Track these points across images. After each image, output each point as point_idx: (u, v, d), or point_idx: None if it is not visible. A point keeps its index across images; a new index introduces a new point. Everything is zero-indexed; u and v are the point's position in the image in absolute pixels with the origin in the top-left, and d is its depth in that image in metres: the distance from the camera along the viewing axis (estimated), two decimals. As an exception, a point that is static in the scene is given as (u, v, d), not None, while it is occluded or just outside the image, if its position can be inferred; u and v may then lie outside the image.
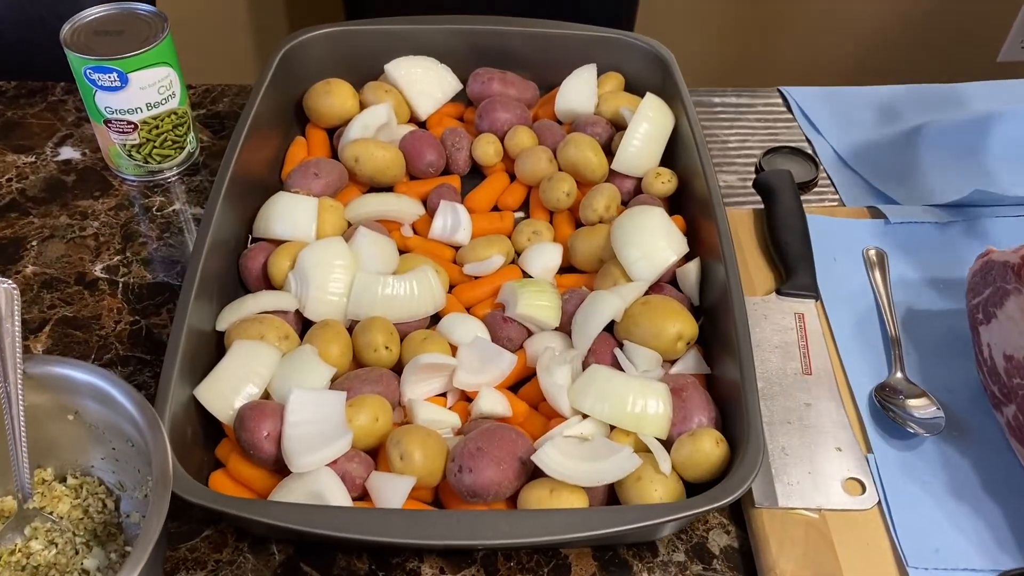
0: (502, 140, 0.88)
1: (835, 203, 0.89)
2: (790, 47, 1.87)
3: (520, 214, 0.86)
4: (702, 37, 1.83)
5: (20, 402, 0.57)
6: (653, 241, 0.73)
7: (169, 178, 0.90)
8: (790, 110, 0.99)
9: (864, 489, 0.64)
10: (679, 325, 0.68)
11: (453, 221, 0.80)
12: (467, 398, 0.69)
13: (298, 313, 0.72)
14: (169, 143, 0.88)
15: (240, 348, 0.66)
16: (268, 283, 0.75)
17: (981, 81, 0.99)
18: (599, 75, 0.92)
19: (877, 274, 0.79)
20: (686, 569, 0.62)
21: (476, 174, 0.89)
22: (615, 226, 0.75)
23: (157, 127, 0.86)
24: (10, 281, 0.58)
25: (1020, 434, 0.64)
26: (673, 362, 0.70)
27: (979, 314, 0.68)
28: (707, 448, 0.60)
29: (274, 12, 1.79)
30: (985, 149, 0.88)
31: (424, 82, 0.91)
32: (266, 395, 0.65)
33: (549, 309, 0.72)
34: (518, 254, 0.80)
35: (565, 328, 0.72)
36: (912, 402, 0.68)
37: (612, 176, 0.85)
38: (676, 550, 0.63)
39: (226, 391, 0.64)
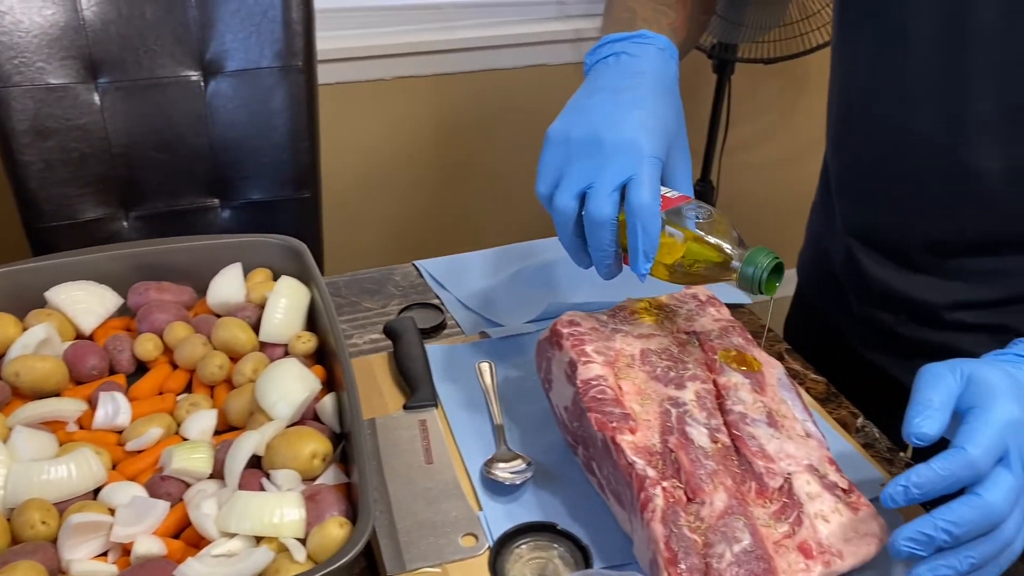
0: (162, 337, 0.99)
1: (462, 337, 1.08)
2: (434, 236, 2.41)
3: (185, 395, 0.96)
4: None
5: None
6: (288, 384, 0.86)
7: None
8: (422, 276, 1.20)
9: (478, 539, 0.77)
10: (313, 445, 0.80)
11: (113, 408, 0.89)
12: (128, 552, 0.76)
13: (-45, 514, 0.76)
14: None
15: None
16: (-75, 497, 0.78)
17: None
18: (251, 271, 1.07)
19: (487, 379, 0.97)
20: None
21: (143, 371, 0.99)
22: (258, 380, 0.87)
23: None
24: None
25: (590, 467, 0.81)
26: (315, 479, 0.81)
27: (545, 384, 0.87)
28: (332, 532, 0.71)
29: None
30: (557, 278, 1.12)
31: (85, 302, 1.02)
32: (-84, 590, 0.68)
33: (201, 460, 0.81)
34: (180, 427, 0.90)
35: (219, 474, 0.82)
36: (506, 464, 0.84)
37: (263, 347, 0.98)
38: (329, 633, 0.71)
39: None
